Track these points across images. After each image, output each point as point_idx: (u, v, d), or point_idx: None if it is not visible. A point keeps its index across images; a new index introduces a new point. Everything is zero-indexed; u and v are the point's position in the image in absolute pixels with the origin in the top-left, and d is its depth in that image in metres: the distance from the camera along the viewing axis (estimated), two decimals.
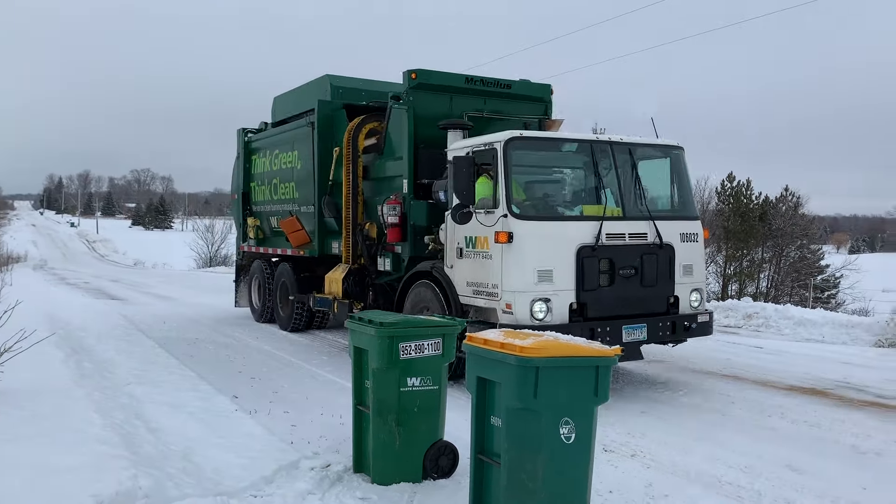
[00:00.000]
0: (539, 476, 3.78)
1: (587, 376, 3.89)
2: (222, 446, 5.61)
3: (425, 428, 5.01)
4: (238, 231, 14.08)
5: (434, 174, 8.61)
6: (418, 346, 4.95)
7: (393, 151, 9.25)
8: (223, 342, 10.77)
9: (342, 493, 4.71)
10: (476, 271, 7.48)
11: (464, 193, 7.15)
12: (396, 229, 8.79)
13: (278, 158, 12.13)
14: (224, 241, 38.95)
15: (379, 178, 9.60)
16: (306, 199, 11.14)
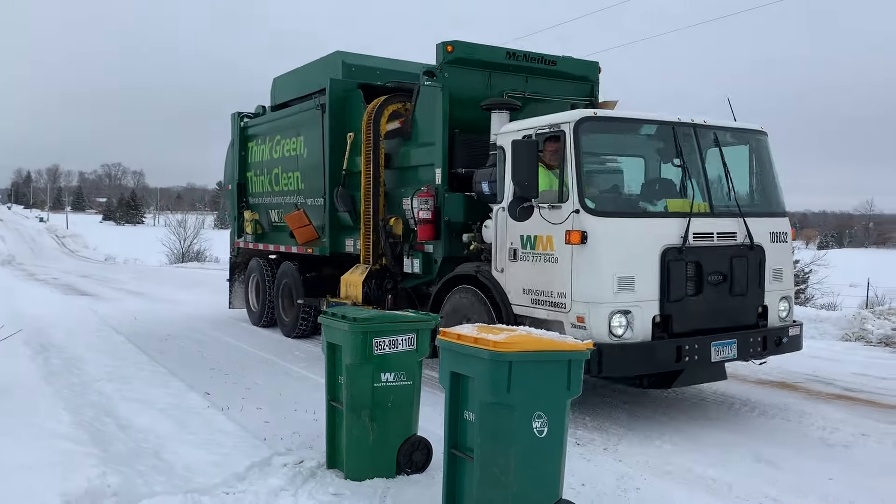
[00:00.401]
0: (512, 470, 3.80)
1: (560, 370, 3.92)
2: (194, 443, 5.57)
3: (399, 423, 5.01)
4: (232, 225, 12.89)
5: (471, 162, 7.59)
6: (392, 341, 4.94)
7: (421, 136, 8.21)
8: (196, 338, 10.66)
9: (315, 490, 4.70)
10: (536, 277, 6.38)
11: (525, 184, 6.03)
12: (428, 226, 7.70)
13: (280, 145, 11.01)
14: (197, 236, 38.55)
15: (404, 168, 8.53)
16: (314, 191, 10.01)
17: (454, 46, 7.83)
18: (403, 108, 8.58)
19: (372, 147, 8.59)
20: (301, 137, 10.39)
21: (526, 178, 6.05)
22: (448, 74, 7.83)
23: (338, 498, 4.58)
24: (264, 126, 11.64)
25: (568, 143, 6.16)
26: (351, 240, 9.39)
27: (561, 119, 6.35)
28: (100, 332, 10.91)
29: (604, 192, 6.73)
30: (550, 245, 6.27)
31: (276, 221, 11.38)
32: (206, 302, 15.65)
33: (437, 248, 7.87)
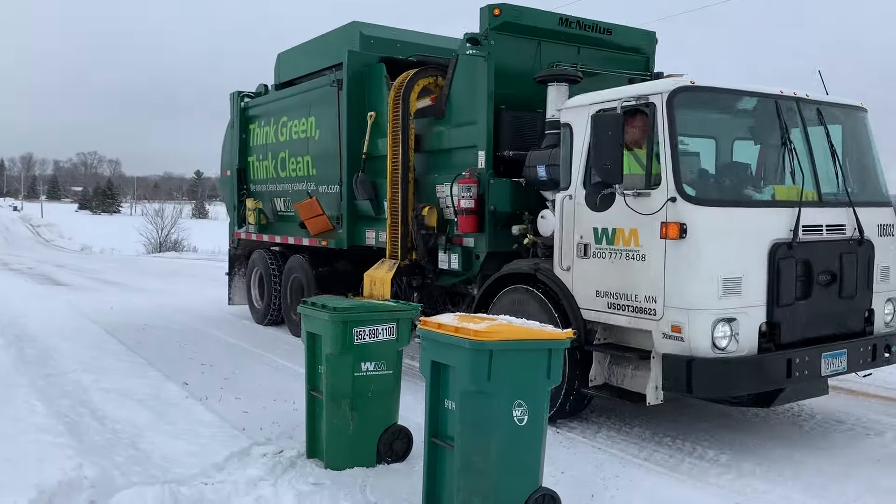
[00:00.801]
0: (492, 458, 3.81)
1: (540, 359, 3.93)
2: (172, 433, 5.53)
3: (380, 412, 5.00)
4: (231, 214, 11.84)
5: (519, 143, 6.76)
6: (372, 330, 4.92)
7: (459, 115, 7.27)
8: (173, 328, 10.56)
9: (295, 479, 4.68)
10: (614, 277, 5.47)
11: (608, 167, 5.12)
12: (470, 217, 6.74)
13: (287, 127, 10.03)
14: (174, 225, 38.22)
15: (437, 151, 7.62)
16: (328, 177, 9.06)
17: (501, 9, 6.86)
18: (435, 84, 7.70)
19: (400, 127, 7.60)
20: (312, 118, 9.46)
21: (609, 159, 5.12)
22: (494, 42, 6.80)
23: (318, 487, 4.57)
24: (268, 106, 10.68)
25: (659, 118, 5.20)
26: (372, 231, 8.51)
27: (650, 89, 5.39)
28: (75, 323, 10.77)
29: (703, 177, 5.79)
30: (635, 239, 5.33)
31: (283, 210, 10.46)
32: (184, 292, 15.53)
33: (479, 242, 6.94)
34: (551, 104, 6.42)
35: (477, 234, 6.87)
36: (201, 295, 14.83)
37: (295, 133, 9.86)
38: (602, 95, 5.77)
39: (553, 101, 6.41)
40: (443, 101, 7.44)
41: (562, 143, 5.94)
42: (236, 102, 11.28)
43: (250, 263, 11.43)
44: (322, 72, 9.31)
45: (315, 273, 9.53)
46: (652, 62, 7.88)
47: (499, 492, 3.83)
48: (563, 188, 5.89)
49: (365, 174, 8.39)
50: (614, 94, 5.63)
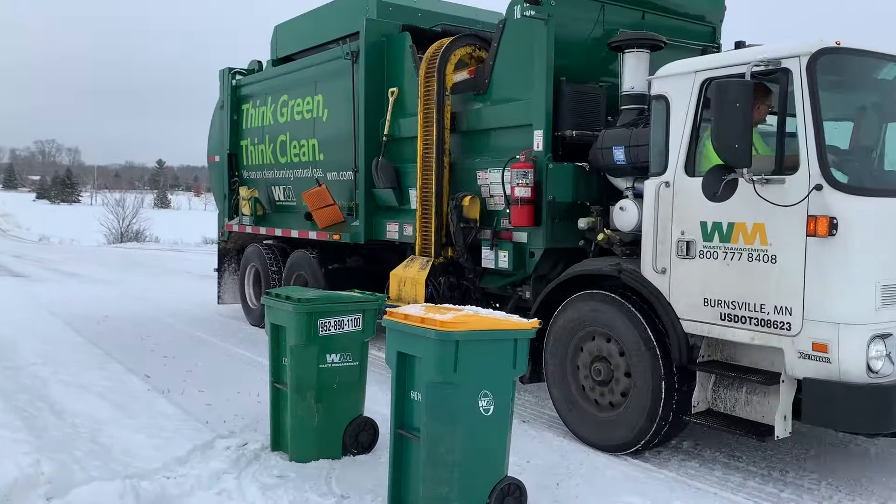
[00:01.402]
0: (458, 448, 3.81)
1: (506, 349, 3.94)
2: (133, 427, 5.43)
3: (345, 404, 4.98)
4: (220, 205, 10.78)
5: (581, 122, 5.87)
6: (338, 322, 4.89)
7: (507, 89, 6.33)
8: (135, 320, 10.38)
9: (259, 472, 4.63)
10: (731, 281, 4.56)
11: (735, 147, 4.18)
12: (526, 207, 5.79)
13: (288, 107, 9.07)
14: (136, 215, 37.58)
15: (476, 131, 6.67)
16: (339, 163, 8.14)
17: None
18: (470, 56, 6.81)
19: (435, 104, 6.64)
20: (319, 96, 8.51)
21: (736, 137, 4.19)
22: (555, 2, 5.89)
23: (282, 480, 4.53)
24: (265, 84, 9.69)
25: (798, 86, 4.29)
26: (394, 224, 7.53)
27: (783, 51, 4.40)
28: (34, 315, 10.53)
29: (855, 160, 4.83)
30: (761, 236, 4.41)
31: (282, 200, 9.55)
32: (145, 283, 15.28)
33: (534, 237, 5.97)
34: (630, 74, 5.63)
35: (532, 227, 5.92)
36: (164, 286, 14.62)
37: (298, 113, 8.90)
38: (712, 61, 4.88)
39: (633, 71, 5.61)
40: (485, 74, 6.48)
41: (653, 119, 5.02)
42: (227, 80, 10.22)
43: (244, 259, 10.39)
44: (328, 45, 8.43)
45: (324, 271, 8.48)
46: (718, 32, 7.02)
47: (465, 482, 3.84)
48: (654, 174, 4.97)
49: (386, 159, 7.44)
50: (734, 58, 4.69)
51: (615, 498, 4.41)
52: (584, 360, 5.37)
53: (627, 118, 5.63)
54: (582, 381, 5.40)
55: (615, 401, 5.17)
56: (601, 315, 5.21)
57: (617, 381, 5.14)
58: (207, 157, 11.19)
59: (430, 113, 6.73)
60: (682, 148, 4.83)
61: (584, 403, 5.37)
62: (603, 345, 5.25)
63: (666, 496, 4.45)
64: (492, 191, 6.40)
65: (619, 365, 5.11)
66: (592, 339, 5.31)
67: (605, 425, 5.20)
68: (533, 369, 5.66)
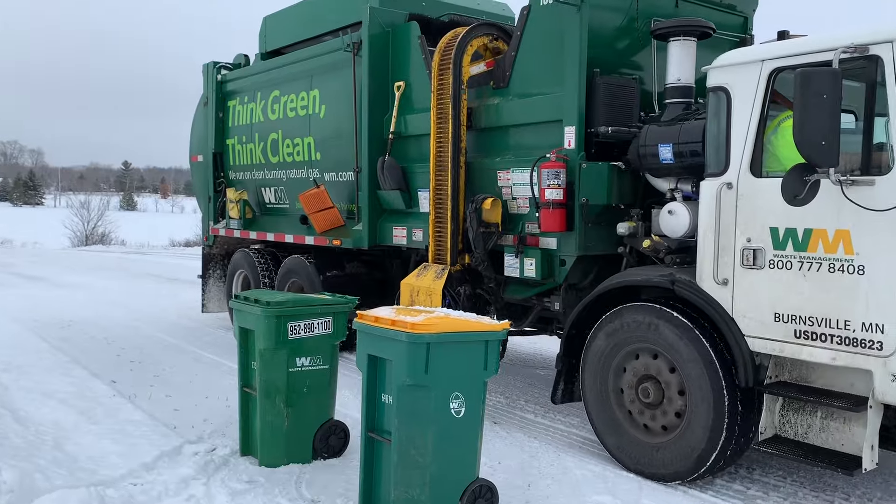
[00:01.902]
0: (429, 451, 3.80)
1: (477, 351, 3.94)
2: (98, 434, 5.34)
3: (315, 408, 4.94)
4: (205, 207, 10.14)
5: (616, 117, 5.41)
6: (308, 325, 4.85)
7: (532, 82, 5.83)
8: (101, 324, 10.20)
9: (228, 478, 4.58)
10: (808, 295, 4.11)
11: (821, 144, 3.80)
12: (558, 211, 5.34)
13: (280, 103, 8.53)
14: (101, 218, 36.97)
15: (496, 128, 6.15)
16: (339, 163, 7.61)
17: None
18: (485, 47, 6.32)
19: (449, 99, 6.12)
20: (315, 91, 7.98)
21: (823, 133, 3.78)
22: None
23: (251, 485, 4.48)
24: (254, 79, 9.10)
25: (890, 75, 3.89)
26: (402, 228, 6.97)
27: (873, 36, 3.96)
28: None
29: None
30: (846, 244, 3.98)
31: (273, 202, 8.97)
32: (111, 286, 15.03)
33: (565, 243, 5.49)
34: (676, 65, 5.27)
35: (562, 233, 5.44)
36: (131, 289, 14.40)
37: (291, 110, 8.35)
38: (783, 48, 4.37)
39: (679, 61, 5.26)
40: (506, 66, 6.03)
41: (710, 113, 4.60)
42: (211, 76, 9.65)
43: (231, 265, 9.74)
44: (323, 37, 8.00)
45: (322, 278, 7.87)
46: (750, 23, 6.61)
47: (436, 484, 3.83)
48: (712, 174, 4.52)
49: (392, 158, 6.92)
50: (810, 45, 4.20)
51: (586, 497, 4.44)
52: (630, 379, 4.89)
53: (673, 113, 5.22)
54: (627, 404, 4.91)
55: (667, 425, 4.70)
56: (652, 330, 4.69)
57: (669, 404, 4.67)
58: (189, 156, 10.61)
59: (444, 108, 6.20)
60: (747, 145, 4.36)
61: (630, 428, 4.89)
62: (651, 363, 4.75)
63: (635, 495, 4.49)
64: (514, 193, 5.88)
65: (672, 385, 4.65)
66: (639, 357, 4.83)
67: (657, 452, 4.71)
68: (565, 388, 5.31)
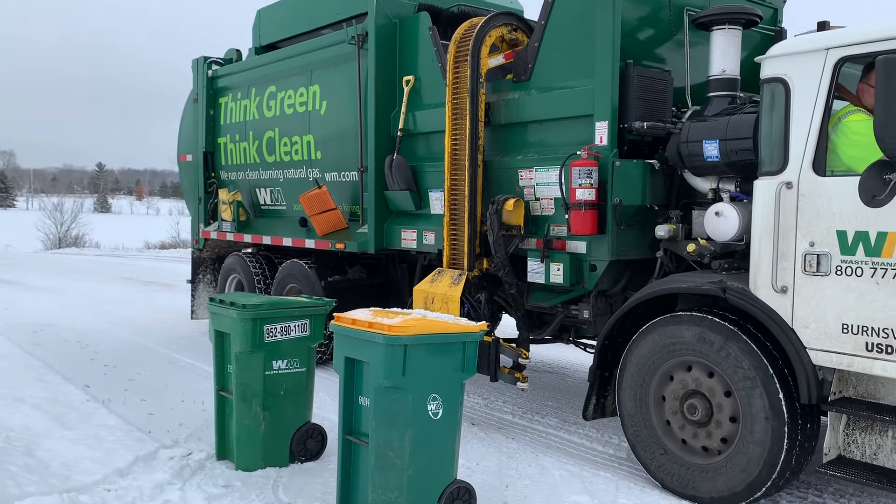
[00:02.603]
0: (407, 453, 3.80)
1: (455, 353, 3.94)
2: (72, 439, 5.27)
3: (292, 411, 4.92)
4: (195, 209, 9.67)
5: (649, 112, 5.07)
6: (284, 327, 4.83)
7: (558, 74, 5.46)
8: (75, 328, 10.07)
9: (204, 482, 4.54)
10: (883, 304, 3.82)
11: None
12: (590, 213, 5.01)
13: (276, 100, 8.15)
14: (75, 220, 36.50)
15: (516, 124, 5.79)
16: (341, 162, 7.27)
17: None
18: (503, 38, 5.94)
19: (467, 93, 5.75)
20: (315, 87, 7.61)
21: None
22: None
23: (228, 490, 4.45)
24: (248, 74, 8.69)
25: None
26: (411, 231, 6.62)
27: None
28: None
29: None
30: None
31: (269, 203, 8.59)
32: (85, 290, 14.84)
33: (597, 247, 5.14)
34: (720, 55, 4.97)
35: (592, 236, 5.11)
36: (105, 293, 14.23)
37: (289, 107, 7.96)
38: (851, 35, 4.04)
39: (724, 52, 4.97)
40: (528, 57, 5.68)
41: (765, 107, 4.27)
42: (202, 71, 9.25)
43: (224, 270, 9.31)
44: (322, 30, 7.64)
45: (324, 283, 7.47)
46: (780, 15, 6.34)
47: (413, 486, 3.83)
48: (768, 172, 4.20)
49: (401, 157, 6.58)
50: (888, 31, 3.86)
51: (563, 497, 4.46)
52: (674, 394, 4.56)
53: (718, 107, 4.92)
54: (670, 420, 4.61)
55: (715, 445, 4.39)
56: (701, 342, 4.37)
57: (719, 423, 4.35)
58: (177, 156, 10.21)
59: (460, 103, 5.85)
60: (810, 142, 4.06)
61: (674, 447, 4.57)
62: (700, 377, 4.44)
63: (612, 495, 4.52)
64: (538, 193, 5.52)
65: (722, 402, 4.33)
66: (687, 370, 4.50)
67: (703, 474, 4.38)
68: (597, 403, 5.00)
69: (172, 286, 15.84)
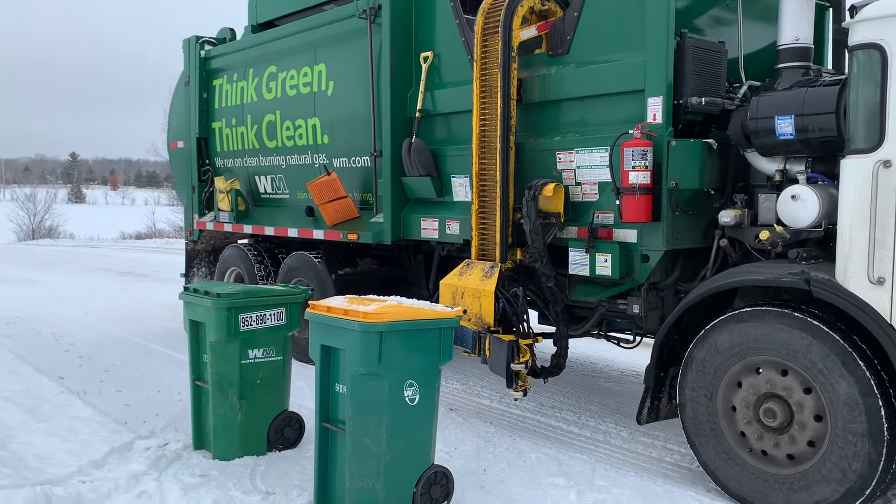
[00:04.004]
0: (383, 439, 3.80)
1: (431, 339, 3.94)
2: (46, 431, 5.22)
3: (269, 400, 4.90)
4: (188, 199, 9.12)
5: (704, 87, 4.64)
6: (260, 316, 4.80)
7: (601, 46, 4.99)
8: (48, 320, 9.95)
9: (180, 472, 4.52)
10: None
11: None
12: (644, 198, 4.55)
13: (278, 80, 7.61)
14: (48, 211, 36.06)
15: (555, 102, 5.28)
16: (351, 146, 6.80)
17: None
18: (532, 10, 5.37)
19: (498, 68, 5.23)
20: (321, 66, 7.07)
21: None
22: None
23: (205, 479, 4.43)
24: (245, 54, 8.13)
25: None
26: (432, 220, 6.15)
27: None
28: None
29: None
30: None
31: (269, 192, 8.09)
32: (60, 280, 14.67)
33: (650, 235, 4.69)
34: (792, 22, 4.62)
35: (644, 224, 4.65)
36: (80, 284, 14.07)
37: (291, 88, 7.44)
38: None
39: (797, 18, 4.62)
40: (565, 29, 5.22)
41: (857, 76, 3.87)
42: (194, 52, 8.71)
43: (221, 262, 8.81)
44: (325, 5, 7.18)
45: (335, 277, 6.98)
46: None
47: (391, 472, 3.83)
48: (859, 150, 3.80)
49: (421, 140, 6.09)
50: None
51: (540, 480, 4.49)
52: (746, 398, 4.14)
53: (790, 79, 4.55)
54: (742, 426, 4.17)
55: (797, 453, 3.98)
56: (781, 340, 3.94)
57: (802, 429, 3.95)
58: (168, 143, 9.66)
59: (490, 80, 5.33)
60: None
61: (746, 455, 4.15)
62: (778, 379, 4.01)
63: (588, 476, 4.56)
64: (579, 177, 5.07)
65: (804, 405, 3.93)
66: (760, 371, 4.09)
67: (784, 486, 3.97)
68: (652, 405, 4.58)
69: (148, 277, 15.71)
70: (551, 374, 5.39)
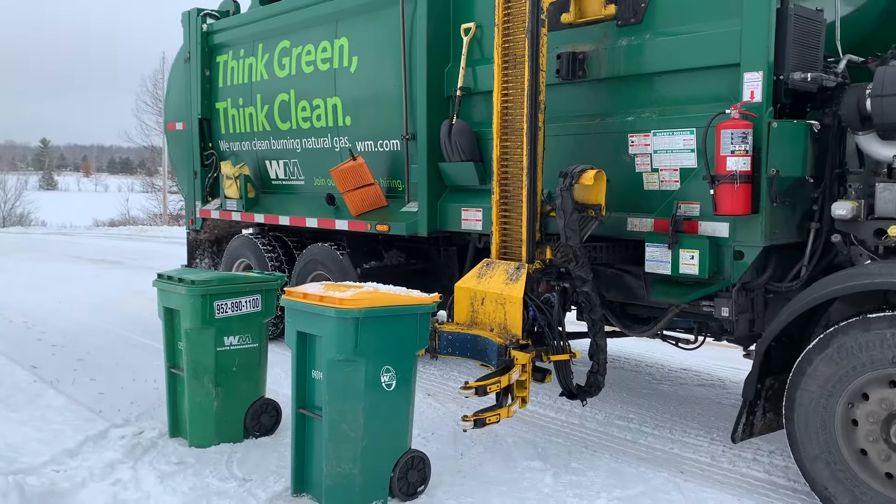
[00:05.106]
0: (360, 425, 3.81)
1: (407, 324, 3.95)
2: (18, 421, 5.16)
3: (245, 387, 4.89)
4: (188, 185, 8.47)
5: (805, 61, 4.09)
6: (235, 303, 4.78)
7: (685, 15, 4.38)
8: (20, 308, 9.82)
9: (156, 460, 4.50)
10: None
11: None
12: (743, 187, 3.99)
13: (292, 56, 6.96)
14: (19, 198, 35.50)
15: (627, 78, 4.68)
16: (378, 129, 6.27)
17: None
18: None
19: (527, 34, 4.55)
20: (342, 40, 6.46)
21: None
22: None
23: (181, 466, 4.41)
24: (253, 27, 7.47)
25: None
26: (475, 210, 5.57)
27: None
28: None
29: None
30: None
31: (281, 178, 7.48)
32: (32, 268, 14.47)
33: (745, 229, 4.14)
34: None
35: (738, 216, 4.09)
36: (52, 272, 13.89)
37: (308, 64, 6.80)
38: None
39: None
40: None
41: None
42: (195, 26, 8.07)
43: (228, 254, 8.16)
44: None
45: (360, 271, 6.40)
46: None
47: (368, 457, 3.85)
48: None
49: (463, 121, 5.51)
50: None
51: (517, 463, 4.53)
52: (872, 417, 3.64)
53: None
54: (867, 450, 3.66)
55: None
56: None
57: None
58: (165, 124, 9.11)
59: (513, 48, 4.68)
60: None
61: (873, 480, 3.62)
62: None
63: (564, 459, 4.61)
64: (656, 162, 4.50)
65: None
66: (893, 386, 3.56)
67: None
68: (747, 421, 4.08)
69: (122, 264, 15.55)
70: (589, 395, 4.69)
